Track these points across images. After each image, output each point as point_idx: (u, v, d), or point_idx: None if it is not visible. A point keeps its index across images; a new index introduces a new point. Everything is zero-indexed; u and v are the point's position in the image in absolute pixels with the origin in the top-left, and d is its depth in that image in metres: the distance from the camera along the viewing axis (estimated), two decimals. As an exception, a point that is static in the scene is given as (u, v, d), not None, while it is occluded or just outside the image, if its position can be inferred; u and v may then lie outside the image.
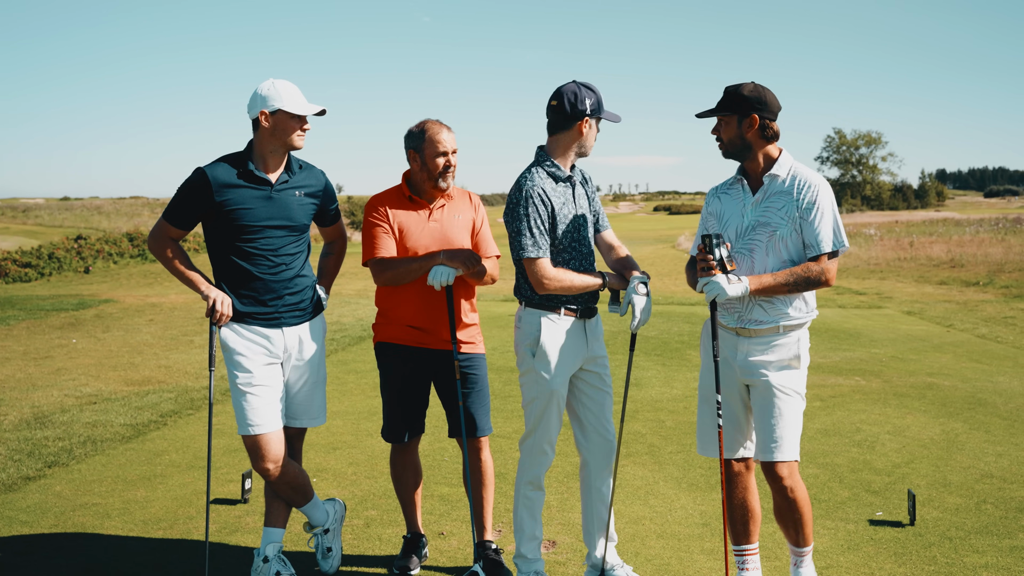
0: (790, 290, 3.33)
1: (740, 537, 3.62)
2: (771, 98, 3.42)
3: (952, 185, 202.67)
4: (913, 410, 6.93)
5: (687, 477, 5.32)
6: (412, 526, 4.16)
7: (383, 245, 3.85)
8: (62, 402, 7.32)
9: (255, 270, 3.65)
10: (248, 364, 3.65)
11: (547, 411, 3.69)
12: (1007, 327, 11.65)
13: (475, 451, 4.04)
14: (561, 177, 3.66)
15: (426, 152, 3.84)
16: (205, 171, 3.60)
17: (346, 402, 7.36)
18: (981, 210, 71.79)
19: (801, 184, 3.39)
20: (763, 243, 3.41)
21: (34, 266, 21.29)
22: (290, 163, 3.73)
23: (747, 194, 3.49)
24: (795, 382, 3.43)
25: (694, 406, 7.12)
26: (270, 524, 3.86)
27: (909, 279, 19.29)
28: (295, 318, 3.77)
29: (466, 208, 4.01)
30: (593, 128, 3.65)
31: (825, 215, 3.36)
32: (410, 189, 3.94)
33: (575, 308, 3.67)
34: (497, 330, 11.21)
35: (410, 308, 3.89)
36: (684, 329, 11.37)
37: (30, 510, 4.78)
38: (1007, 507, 4.73)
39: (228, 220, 3.60)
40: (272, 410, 3.69)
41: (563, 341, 3.66)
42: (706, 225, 3.62)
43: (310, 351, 3.84)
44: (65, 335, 11.27)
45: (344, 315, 13.19)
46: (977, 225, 34.48)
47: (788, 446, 3.39)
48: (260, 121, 3.59)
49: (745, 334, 3.46)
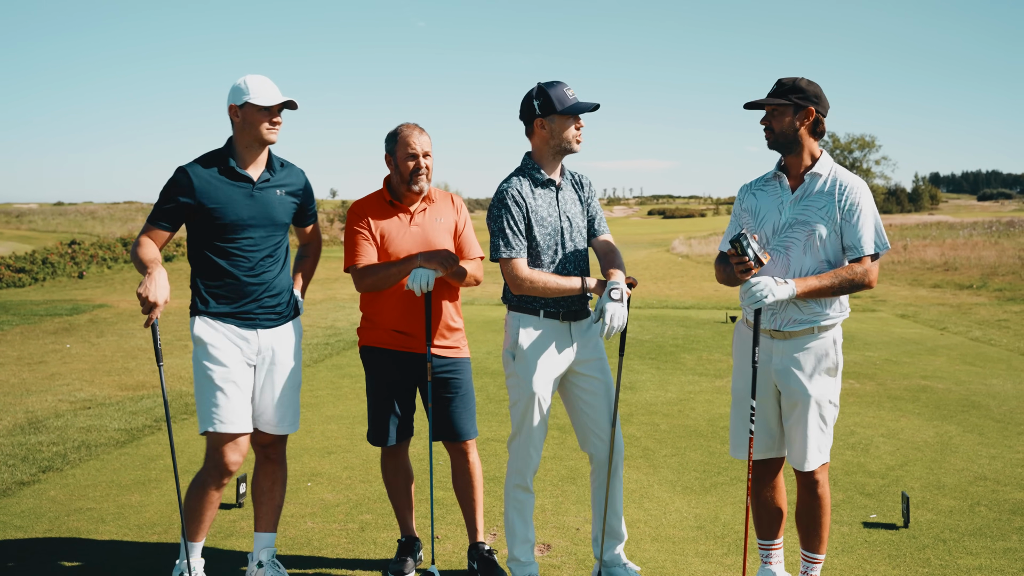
0: (834, 292, 3.32)
1: (766, 532, 3.68)
2: (824, 96, 3.43)
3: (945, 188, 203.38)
4: (907, 413, 6.95)
5: (681, 480, 5.33)
6: (406, 529, 4.16)
7: (363, 252, 3.84)
8: (56, 407, 7.30)
9: (235, 270, 3.60)
10: (224, 358, 3.57)
11: (528, 413, 3.69)
12: (1000, 330, 11.68)
13: (462, 454, 4.04)
14: (541, 180, 3.67)
15: (398, 155, 3.84)
16: (187, 169, 3.56)
17: (341, 406, 7.35)
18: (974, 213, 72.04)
19: (843, 186, 3.38)
20: (800, 241, 3.39)
21: (28, 271, 21.20)
22: (271, 161, 3.70)
23: (786, 191, 3.47)
24: (832, 392, 3.45)
25: (688, 409, 7.13)
26: (261, 529, 3.85)
27: (903, 282, 19.34)
28: (271, 321, 3.71)
29: (448, 211, 4.00)
30: (553, 125, 3.60)
31: (867, 217, 3.37)
32: (391, 194, 3.93)
33: (555, 311, 3.67)
34: (492, 334, 11.22)
35: (394, 313, 3.88)
36: (678, 333, 11.39)
37: (24, 515, 4.77)
38: (1000, 509, 4.74)
39: (210, 218, 3.55)
40: (246, 411, 3.62)
41: (543, 344, 3.66)
42: (740, 222, 3.60)
43: (287, 355, 3.78)
44: (59, 340, 11.24)
45: (339, 319, 13.18)
46: (970, 228, 34.59)
47: (821, 455, 3.45)
48: (231, 116, 3.58)
49: (780, 336, 3.44)
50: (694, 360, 9.41)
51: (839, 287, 3.31)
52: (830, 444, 3.49)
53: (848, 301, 3.53)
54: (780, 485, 3.66)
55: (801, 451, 3.43)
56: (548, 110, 3.58)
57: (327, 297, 16.83)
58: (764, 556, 3.72)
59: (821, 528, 3.54)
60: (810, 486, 3.49)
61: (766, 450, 3.57)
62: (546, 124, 3.62)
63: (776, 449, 3.58)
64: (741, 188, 3.66)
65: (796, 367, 3.41)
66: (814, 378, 3.41)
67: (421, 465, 5.54)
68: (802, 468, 3.44)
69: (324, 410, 7.24)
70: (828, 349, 3.43)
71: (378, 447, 4.09)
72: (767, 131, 3.45)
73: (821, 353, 3.42)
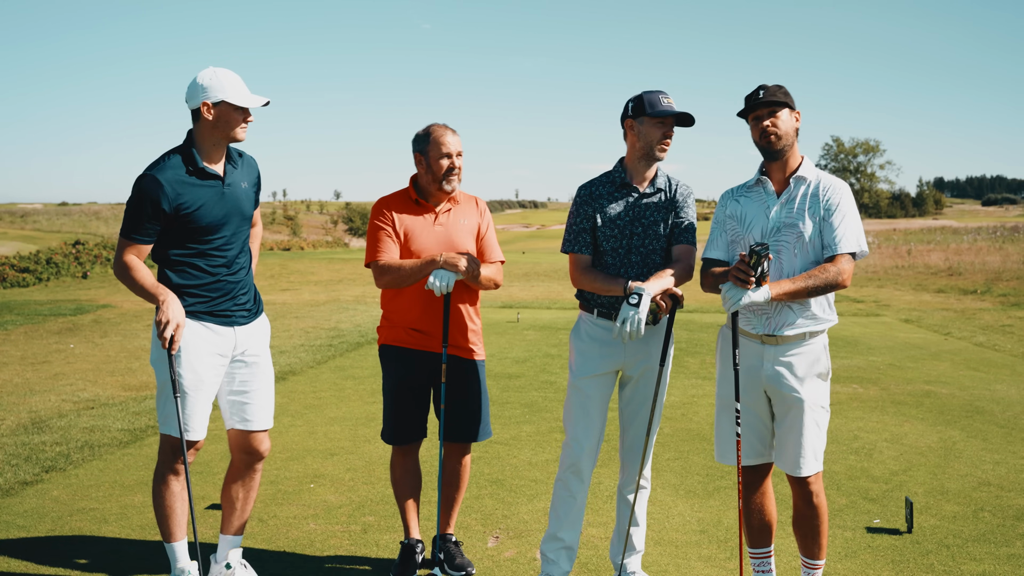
0: (809, 293, 3.30)
1: (758, 541, 3.65)
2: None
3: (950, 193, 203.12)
4: (911, 418, 6.93)
5: (684, 484, 5.32)
6: (409, 532, 4.16)
7: (385, 248, 3.86)
8: (60, 407, 7.31)
9: (213, 269, 3.54)
10: (195, 363, 3.51)
11: (571, 404, 3.75)
12: (1004, 335, 11.66)
13: (457, 455, 4.09)
14: (619, 183, 3.69)
15: (431, 155, 3.86)
16: (156, 176, 3.38)
17: (344, 408, 7.36)
18: (979, 218, 71.91)
19: (826, 187, 3.40)
20: (790, 245, 3.39)
21: (32, 271, 21.26)
22: (229, 153, 3.61)
23: (771, 195, 3.47)
24: (823, 396, 3.44)
25: (691, 413, 7.12)
26: (229, 532, 3.84)
27: (907, 287, 19.31)
28: (244, 317, 3.69)
29: (472, 213, 4.03)
30: (640, 128, 3.60)
31: (847, 217, 3.36)
32: (417, 192, 3.96)
33: (608, 311, 3.68)
34: (495, 336, 11.21)
35: (413, 312, 3.90)
36: (683, 336, 11.38)
37: (27, 515, 4.78)
38: (1004, 515, 4.73)
39: (185, 223, 3.43)
40: (205, 418, 3.61)
41: (592, 341, 3.70)
42: (724, 228, 3.57)
43: (262, 350, 3.78)
44: (63, 340, 11.26)
45: (342, 321, 13.19)
46: (975, 233, 34.55)
47: (816, 460, 3.43)
48: (202, 112, 3.42)
49: (771, 342, 3.43)
50: (697, 364, 9.40)
51: (814, 288, 3.29)
52: (823, 449, 3.46)
53: (834, 305, 3.53)
54: (770, 492, 3.63)
55: (795, 456, 3.41)
56: (639, 112, 3.60)
57: (331, 299, 16.85)
58: (756, 565, 3.68)
59: (820, 535, 3.50)
60: (806, 496, 3.45)
61: (756, 456, 3.55)
62: (635, 126, 3.62)
63: (766, 455, 3.56)
64: (723, 195, 3.66)
65: (788, 371, 3.40)
66: (806, 382, 3.40)
67: (428, 466, 5.53)
68: (796, 473, 3.42)
69: (327, 412, 7.24)
70: (819, 354, 3.43)
71: (388, 447, 4.11)
72: (770, 136, 3.37)
73: (813, 358, 3.42)
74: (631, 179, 3.69)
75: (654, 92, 3.60)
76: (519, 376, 8.73)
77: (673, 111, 3.55)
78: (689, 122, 3.61)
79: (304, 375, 8.86)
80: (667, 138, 3.61)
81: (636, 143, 3.64)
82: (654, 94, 3.59)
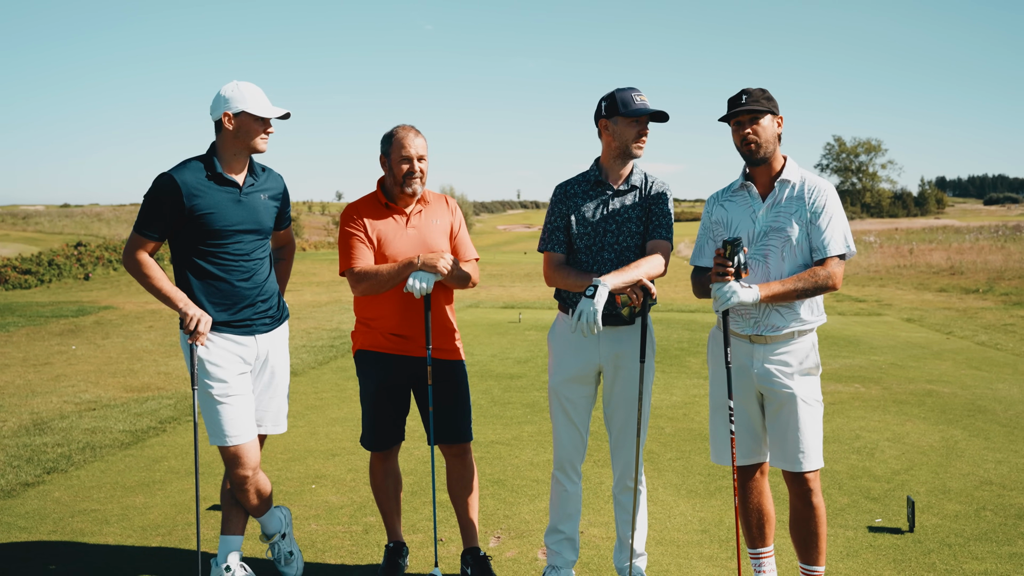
0: (799, 295, 3.31)
1: (756, 540, 3.64)
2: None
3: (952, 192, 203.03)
4: (912, 417, 6.93)
5: (686, 484, 5.32)
6: (394, 535, 4.12)
7: (359, 254, 3.78)
8: (61, 408, 7.31)
9: (229, 276, 3.59)
10: (222, 374, 3.59)
11: (551, 406, 3.77)
12: (1006, 334, 11.65)
13: (458, 458, 4.01)
14: (593, 182, 3.68)
15: (392, 157, 3.78)
16: (173, 175, 3.47)
17: (345, 409, 7.36)
18: (981, 217, 71.90)
19: (812, 189, 3.39)
20: (778, 248, 3.39)
21: (34, 273, 21.29)
22: (252, 166, 3.68)
23: (755, 199, 3.47)
24: (815, 390, 3.44)
25: (693, 413, 7.12)
26: (228, 532, 3.84)
27: (909, 286, 19.30)
28: (266, 325, 3.74)
29: (443, 212, 3.96)
30: (614, 128, 3.57)
31: (834, 219, 3.36)
32: (385, 196, 3.88)
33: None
34: (495, 337, 11.21)
35: (393, 317, 3.83)
36: (683, 336, 11.37)
37: (29, 516, 4.78)
38: (1006, 514, 4.72)
39: (199, 225, 3.50)
40: (249, 419, 3.67)
41: (567, 342, 3.68)
42: (711, 233, 3.59)
43: (281, 358, 3.83)
44: (65, 342, 11.27)
45: (344, 322, 13.19)
46: (977, 232, 34.53)
47: (815, 455, 3.42)
48: (223, 123, 3.52)
49: (760, 341, 3.43)
50: (699, 364, 9.39)
51: (803, 290, 3.30)
52: (820, 446, 3.44)
53: (823, 305, 3.53)
54: (766, 490, 3.62)
55: (794, 451, 3.39)
56: (612, 112, 3.57)
57: (332, 300, 16.87)
58: (756, 565, 3.67)
59: (818, 540, 3.47)
60: (804, 495, 3.44)
61: (750, 455, 3.55)
62: (609, 126, 3.60)
63: (760, 454, 3.56)
64: (708, 199, 3.65)
65: (778, 367, 3.41)
66: (797, 377, 3.41)
67: (424, 468, 5.54)
68: (797, 468, 3.40)
69: (329, 412, 7.25)
70: (808, 351, 3.44)
71: (369, 451, 4.06)
72: (750, 144, 3.36)
73: (802, 355, 3.42)
74: (606, 177, 3.68)
75: (626, 90, 3.56)
76: (521, 376, 8.73)
77: (647, 110, 3.52)
78: (663, 118, 3.58)
79: (306, 376, 8.86)
80: (642, 136, 3.58)
81: (612, 142, 3.62)
82: (627, 92, 3.55)
